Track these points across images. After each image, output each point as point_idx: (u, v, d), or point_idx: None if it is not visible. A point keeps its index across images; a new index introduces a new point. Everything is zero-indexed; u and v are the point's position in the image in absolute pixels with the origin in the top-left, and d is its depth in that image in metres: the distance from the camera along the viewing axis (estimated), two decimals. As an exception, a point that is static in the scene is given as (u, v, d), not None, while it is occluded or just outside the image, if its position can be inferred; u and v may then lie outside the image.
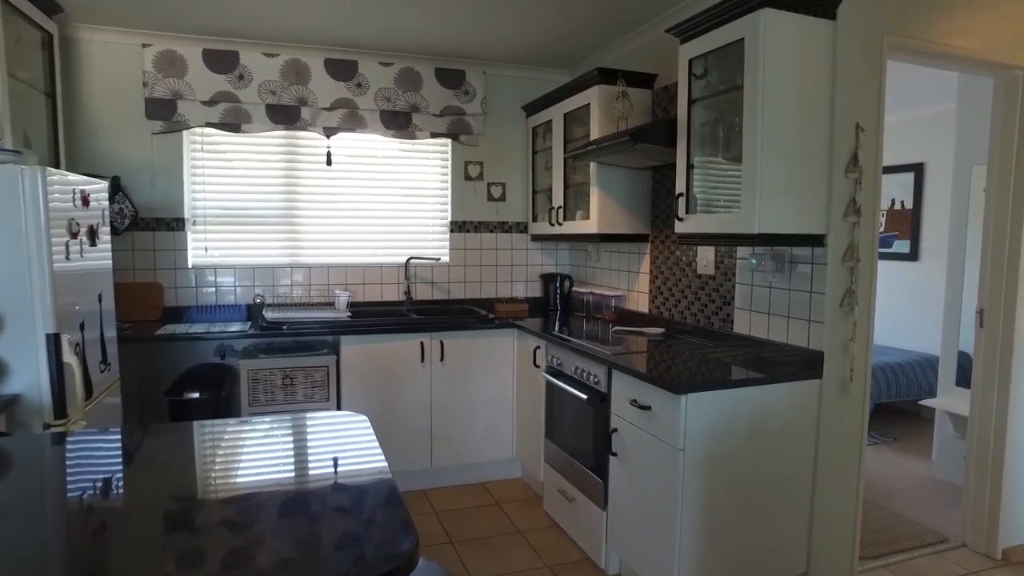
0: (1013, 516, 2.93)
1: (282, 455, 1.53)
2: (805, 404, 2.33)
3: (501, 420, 3.67)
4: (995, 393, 2.87)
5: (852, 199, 2.27)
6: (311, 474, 1.44)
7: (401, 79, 3.85)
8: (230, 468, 1.46)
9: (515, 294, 4.28)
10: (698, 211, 2.52)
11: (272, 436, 1.66)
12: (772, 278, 2.53)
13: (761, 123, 2.14)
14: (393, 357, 3.43)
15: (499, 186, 4.20)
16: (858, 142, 2.26)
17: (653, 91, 3.35)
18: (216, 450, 1.58)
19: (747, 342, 2.68)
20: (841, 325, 2.33)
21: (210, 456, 1.55)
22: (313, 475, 1.43)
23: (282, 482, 1.35)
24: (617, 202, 3.33)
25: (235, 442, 1.63)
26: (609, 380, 2.58)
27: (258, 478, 1.40)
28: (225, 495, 1.30)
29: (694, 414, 2.14)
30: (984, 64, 2.66)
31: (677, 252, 3.18)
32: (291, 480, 1.37)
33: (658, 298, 3.34)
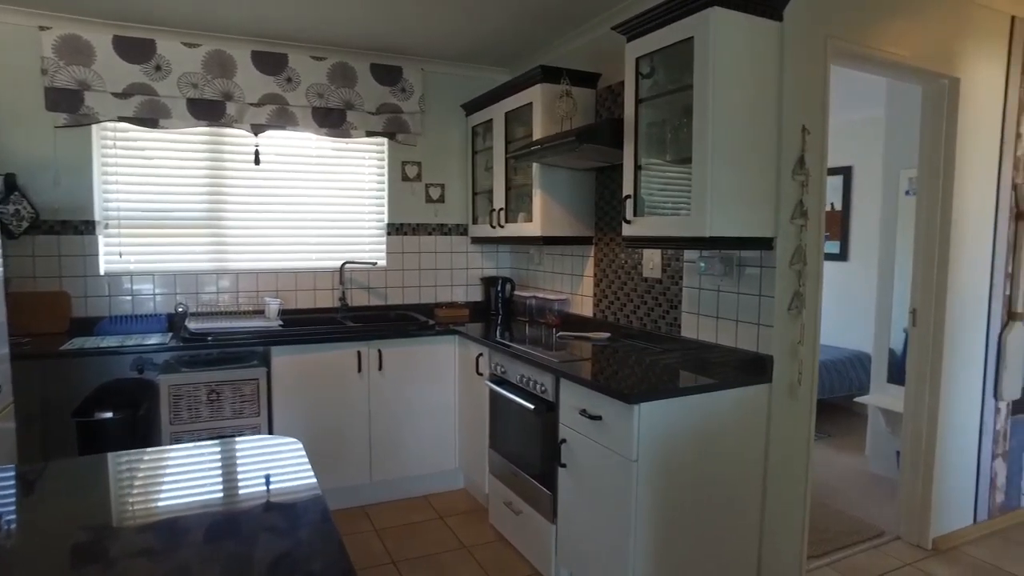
0: (942, 507, 3.02)
1: (203, 483, 1.36)
2: (755, 409, 2.30)
3: (443, 430, 3.54)
4: (927, 389, 2.94)
5: (799, 201, 2.25)
6: (236, 500, 1.28)
7: (334, 74, 3.66)
8: (148, 497, 1.28)
9: (455, 298, 4.15)
10: (646, 213, 2.47)
11: (190, 464, 1.49)
12: (720, 281, 2.50)
13: (712, 124, 2.09)
14: (328, 367, 3.24)
15: (438, 187, 4.07)
16: (804, 144, 2.25)
17: (597, 91, 3.29)
18: (132, 479, 1.39)
19: (695, 346, 2.64)
20: (789, 328, 2.31)
21: (126, 485, 1.36)
22: (238, 501, 1.27)
23: (201, 508, 1.19)
24: (560, 204, 3.26)
25: (153, 471, 1.44)
26: (557, 388, 2.49)
27: (175, 502, 1.23)
28: (142, 523, 1.13)
29: (647, 424, 2.07)
30: (915, 71, 2.72)
31: (622, 255, 3.13)
32: (210, 507, 1.21)
33: (603, 302, 3.29)
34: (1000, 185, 3.06)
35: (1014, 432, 3.32)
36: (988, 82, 2.94)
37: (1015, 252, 3.15)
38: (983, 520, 3.22)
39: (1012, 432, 3.31)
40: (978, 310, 3.04)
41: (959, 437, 3.05)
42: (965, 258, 2.94)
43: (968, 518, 3.17)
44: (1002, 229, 3.10)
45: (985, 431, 3.17)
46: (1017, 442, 3.34)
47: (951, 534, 3.07)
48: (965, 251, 2.94)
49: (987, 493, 3.23)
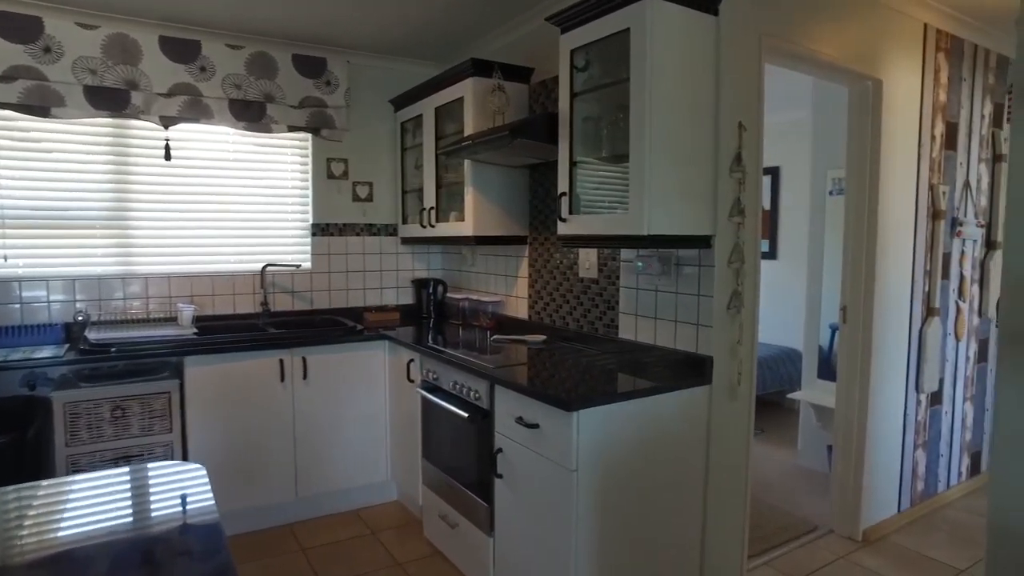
0: (871, 499, 3.08)
1: (89, 517, 1.17)
2: (696, 411, 2.26)
3: (374, 440, 3.37)
4: (857, 385, 2.99)
5: (737, 199, 2.22)
6: (123, 533, 1.10)
7: (253, 65, 3.43)
8: (24, 534, 1.09)
9: (385, 301, 3.98)
10: (582, 212, 2.39)
11: (77, 497, 1.29)
12: (658, 281, 2.45)
13: (649, 118, 2.03)
14: (248, 378, 3.02)
15: (366, 185, 3.88)
16: (741, 141, 2.22)
17: (530, 86, 3.20)
18: (6, 514, 1.19)
19: (634, 348, 2.59)
20: (728, 328, 2.28)
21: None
22: (126, 534, 1.09)
23: (84, 542, 1.01)
24: (493, 202, 3.15)
25: (32, 506, 1.24)
26: (491, 395, 2.37)
27: (57, 537, 1.04)
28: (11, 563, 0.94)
29: (587, 431, 1.98)
30: (841, 72, 2.76)
31: (557, 255, 3.04)
32: (93, 541, 1.03)
33: (538, 303, 3.20)
34: (919, 186, 3.15)
35: (932, 422, 3.43)
36: (907, 86, 3.02)
37: (932, 250, 3.26)
38: (906, 509, 3.32)
39: (930, 423, 3.42)
40: (901, 307, 3.12)
41: (886, 430, 3.12)
42: (890, 256, 3.01)
43: (893, 508, 3.25)
44: (921, 228, 3.19)
45: (908, 423, 3.26)
46: (935, 432, 3.46)
47: (879, 524, 3.14)
48: (890, 250, 3.00)
49: (910, 483, 3.33)
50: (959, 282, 3.50)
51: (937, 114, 3.22)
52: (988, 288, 3.70)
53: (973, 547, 3.05)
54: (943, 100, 3.26)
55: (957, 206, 3.43)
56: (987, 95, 3.60)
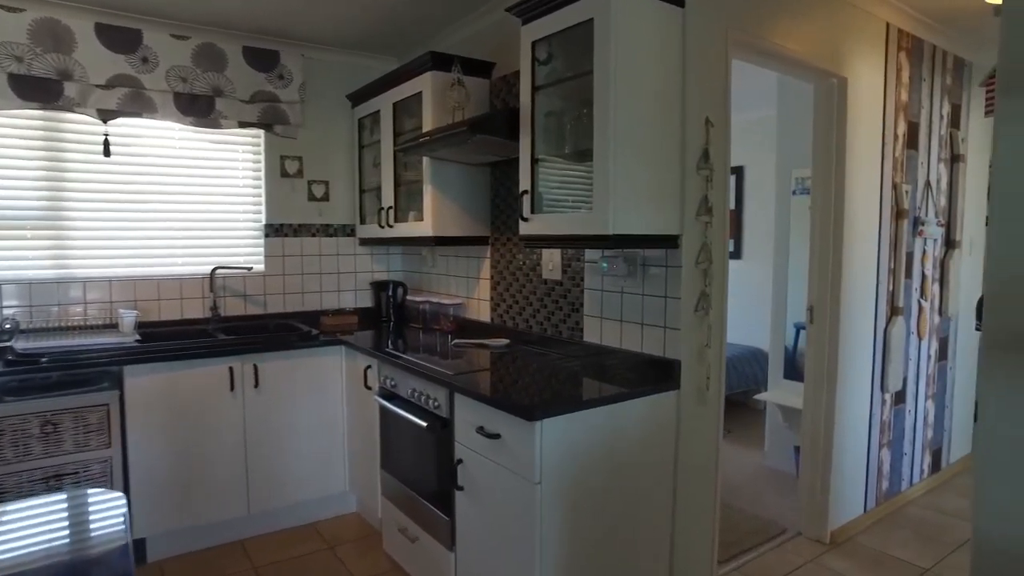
0: (838, 500, 3.05)
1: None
2: (664, 417, 2.18)
3: (331, 450, 3.22)
4: (824, 385, 2.96)
5: (704, 197, 2.15)
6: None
7: (200, 57, 3.25)
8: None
9: (343, 305, 3.83)
10: (544, 210, 2.29)
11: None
12: (624, 282, 2.37)
13: (613, 113, 1.94)
14: (195, 387, 2.85)
15: (322, 184, 3.73)
16: (708, 138, 2.15)
17: (491, 81, 3.09)
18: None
19: (599, 352, 2.50)
20: (696, 330, 2.21)
21: None
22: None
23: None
24: (454, 201, 3.03)
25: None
26: (451, 404, 2.26)
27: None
28: None
29: (550, 441, 1.88)
30: (807, 69, 2.72)
31: (520, 256, 2.95)
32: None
33: (500, 306, 3.09)
34: (883, 185, 3.14)
35: (896, 421, 3.43)
36: (870, 84, 3.00)
37: (896, 249, 3.25)
38: (872, 508, 3.30)
39: (894, 422, 3.42)
40: (867, 306, 3.11)
41: (852, 431, 3.10)
42: (856, 256, 2.98)
43: (859, 508, 3.23)
44: (886, 228, 3.18)
45: (873, 423, 3.25)
46: (898, 430, 3.46)
47: (846, 525, 3.12)
48: (856, 249, 2.98)
49: (875, 482, 3.32)
50: (921, 281, 3.51)
51: (899, 113, 3.22)
52: (948, 287, 3.73)
53: (937, 545, 3.04)
54: (905, 100, 3.25)
55: (919, 205, 3.43)
56: (945, 95, 3.63)
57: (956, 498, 3.63)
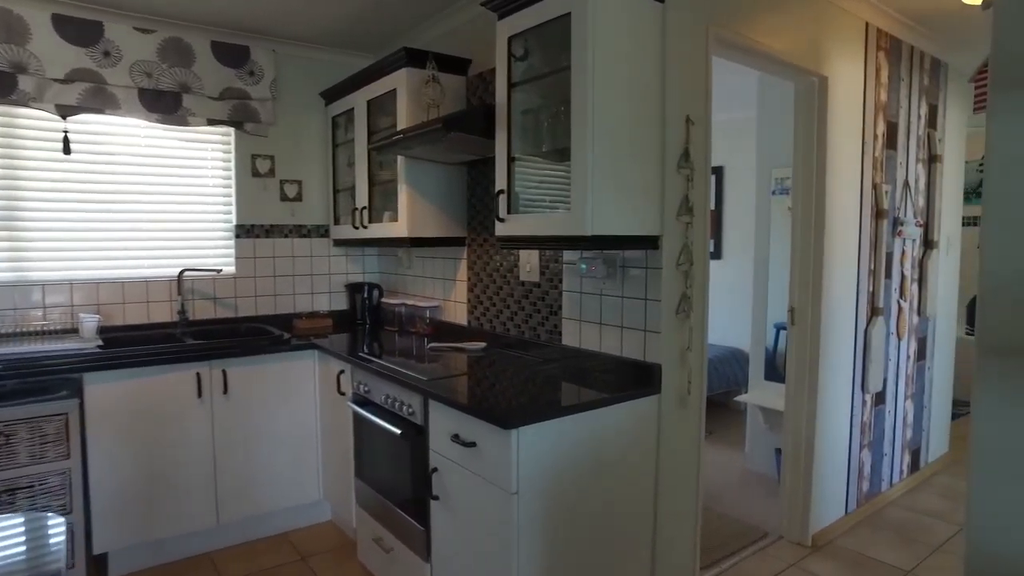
0: (820, 502, 3.03)
1: None
2: (645, 423, 2.12)
3: (304, 458, 3.12)
4: (806, 387, 2.93)
5: (685, 196, 2.10)
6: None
7: (166, 51, 3.13)
8: None
9: (317, 307, 3.73)
10: (521, 211, 2.23)
11: None
12: (603, 284, 2.31)
13: (591, 109, 1.88)
14: (160, 394, 2.74)
15: (294, 184, 3.63)
16: (689, 136, 2.10)
17: (468, 78, 3.02)
18: None
19: (578, 356, 2.44)
20: (677, 334, 2.16)
21: None
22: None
23: None
24: (429, 201, 2.96)
25: None
26: (425, 410, 2.18)
27: None
28: None
29: (527, 450, 1.82)
30: (788, 67, 2.68)
31: (497, 257, 2.88)
32: None
33: (477, 308, 3.02)
34: (863, 184, 3.12)
35: (876, 422, 3.42)
36: (850, 83, 2.98)
37: (876, 249, 3.24)
38: (853, 510, 3.28)
39: (875, 422, 3.41)
40: (848, 307, 3.08)
41: (834, 433, 3.07)
42: (837, 256, 2.96)
43: (841, 510, 3.21)
44: (866, 228, 3.16)
45: (855, 424, 3.23)
46: (878, 431, 3.45)
47: (828, 528, 3.09)
48: (837, 249, 2.95)
49: (856, 484, 3.30)
50: (900, 281, 3.50)
51: (879, 113, 3.20)
52: (926, 287, 3.73)
53: (918, 547, 3.03)
54: (884, 99, 3.24)
55: (898, 206, 3.42)
56: (923, 96, 3.62)
57: (935, 498, 3.63)
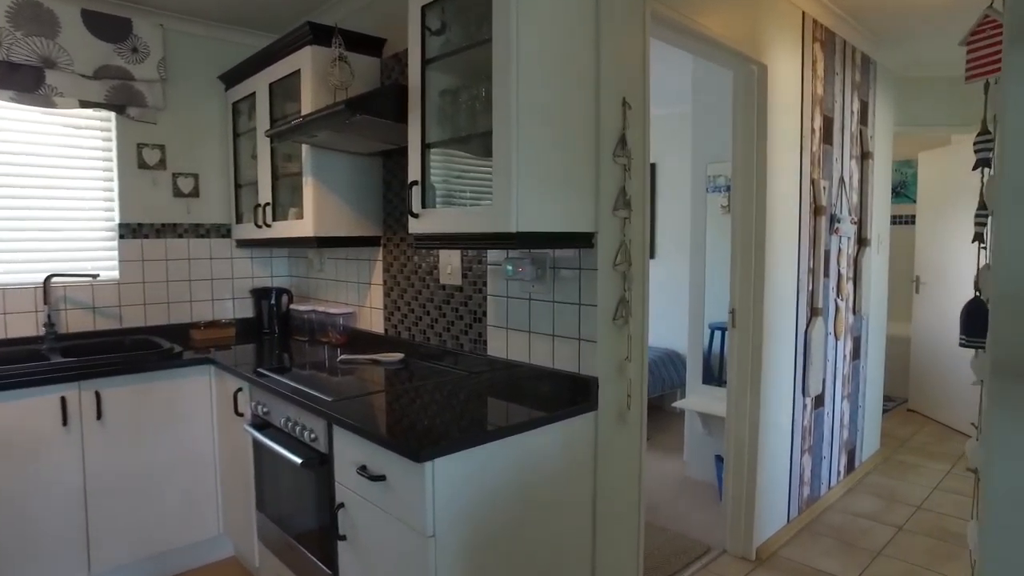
0: (764, 513, 2.89)
1: None
2: (581, 444, 1.88)
3: (201, 489, 2.74)
4: (748, 393, 2.78)
5: (622, 189, 1.88)
6: None
7: (19, 16, 2.68)
8: None
9: (219, 315, 3.33)
10: (438, 205, 1.95)
11: None
12: (532, 288, 2.06)
13: (516, 87, 1.62)
14: (12, 424, 2.31)
15: (189, 178, 3.22)
16: (626, 121, 1.87)
17: (382, 60, 2.72)
18: None
19: (505, 368, 2.18)
20: (615, 342, 1.93)
21: None
22: None
23: None
24: (339, 196, 2.64)
25: None
26: (330, 437, 1.88)
27: None
28: None
29: (445, 485, 1.54)
30: (728, 52, 2.50)
31: (415, 258, 2.59)
32: None
33: (395, 315, 2.72)
34: (802, 180, 3.00)
35: (816, 426, 3.32)
36: (788, 74, 2.85)
37: (815, 248, 3.13)
38: (794, 518, 3.17)
39: (815, 426, 3.31)
40: (788, 307, 2.95)
41: (776, 440, 2.94)
42: (778, 255, 2.82)
43: (783, 519, 3.08)
44: (805, 225, 3.04)
45: (796, 429, 3.11)
46: (818, 435, 3.35)
47: (771, 539, 2.95)
48: (778, 248, 2.81)
49: (797, 490, 3.19)
50: (837, 280, 3.41)
51: (816, 106, 3.09)
52: (860, 285, 3.67)
53: (858, 553, 2.94)
54: (820, 93, 3.13)
55: (833, 202, 3.33)
56: (855, 92, 3.56)
57: (869, 499, 3.57)
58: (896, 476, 3.94)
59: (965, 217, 4.69)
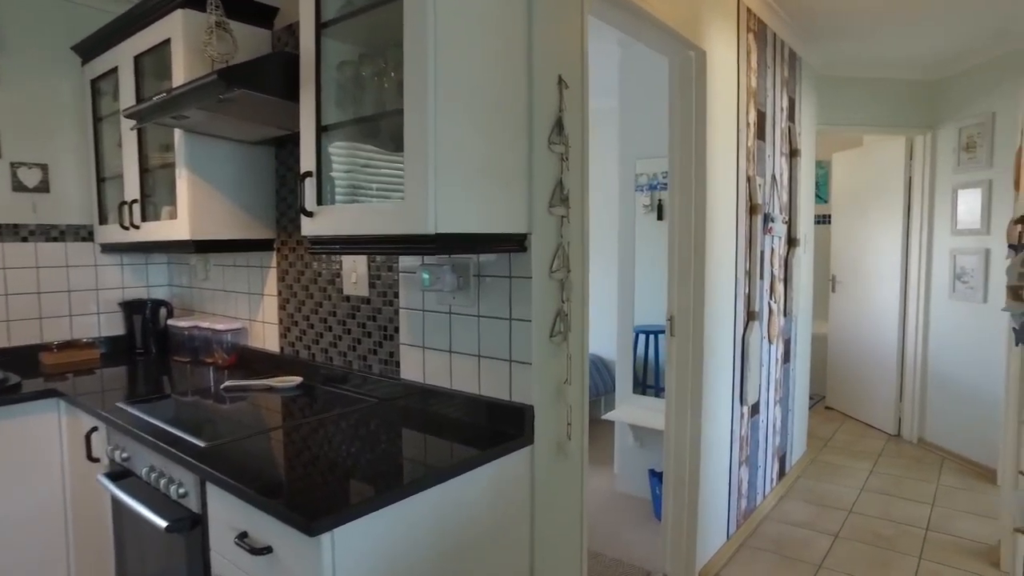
0: (705, 533, 2.69)
1: None
2: (515, 487, 1.58)
3: (48, 554, 2.23)
4: (689, 407, 2.56)
5: (559, 182, 1.58)
6: None
7: None
8: None
9: (81, 334, 2.80)
10: (338, 200, 1.59)
11: None
12: (452, 300, 1.73)
13: (434, 55, 1.30)
14: None
15: (35, 169, 2.68)
16: (563, 102, 1.58)
17: (274, 32, 2.32)
18: None
19: (422, 396, 1.84)
20: (553, 363, 1.63)
21: None
22: None
23: None
24: (222, 192, 2.22)
25: None
26: (202, 494, 1.49)
27: None
28: None
29: (348, 559, 1.20)
30: (668, 34, 2.26)
31: (315, 264, 2.20)
32: None
33: (292, 331, 2.32)
34: (739, 177, 2.83)
35: (752, 435, 3.18)
36: (725, 63, 2.66)
37: (751, 248, 2.97)
38: (734, 533, 3.00)
39: (751, 435, 3.16)
40: (727, 312, 2.77)
41: (715, 453, 2.75)
42: (717, 257, 2.62)
43: (723, 536, 2.91)
44: (742, 224, 2.88)
45: (734, 440, 2.94)
46: (754, 444, 3.21)
47: (712, 560, 2.77)
48: (717, 249, 2.62)
49: (736, 504, 3.02)
50: (771, 281, 3.28)
51: (751, 99, 2.93)
52: (791, 286, 3.57)
53: (801, 568, 2.82)
54: (754, 86, 2.98)
55: (767, 201, 3.19)
56: (784, 87, 3.45)
57: (804, 506, 3.48)
58: (824, 479, 3.88)
59: (877, 217, 4.75)
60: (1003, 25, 3.42)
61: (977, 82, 3.97)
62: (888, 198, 4.61)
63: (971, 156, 4.00)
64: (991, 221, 3.85)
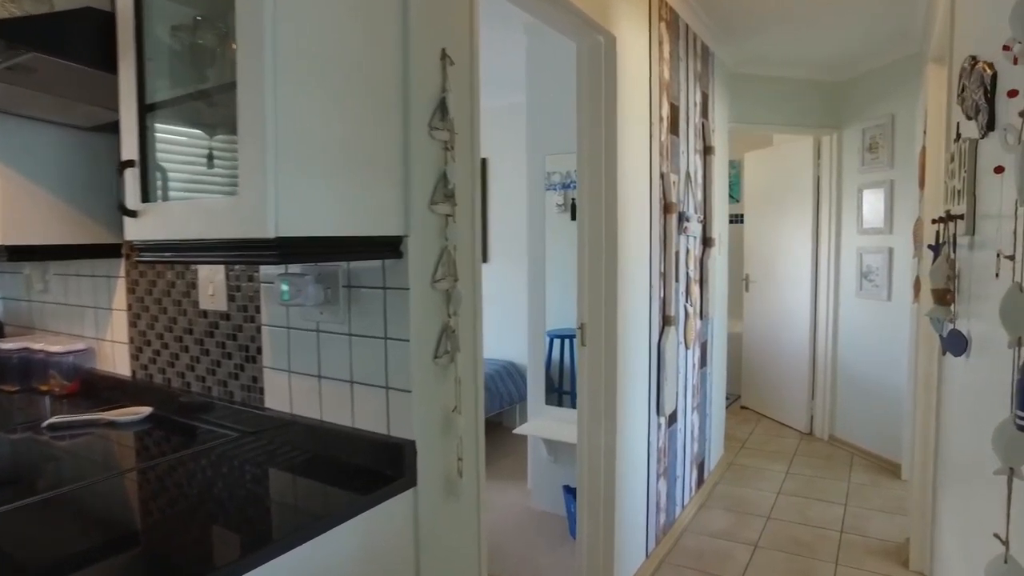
0: (623, 553, 2.52)
1: None
2: (395, 538, 1.32)
3: None
4: (603, 421, 2.37)
5: (443, 175, 1.34)
6: None
7: None
8: None
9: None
10: (170, 197, 1.29)
11: None
12: (319, 315, 1.45)
13: (272, 9, 1.02)
14: None
15: None
16: (446, 80, 1.33)
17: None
18: None
19: (288, 430, 1.55)
20: (438, 389, 1.38)
21: None
22: None
23: None
24: (44, 187, 1.84)
25: None
26: None
27: None
28: None
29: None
30: (573, 14, 2.06)
31: (170, 274, 1.86)
32: None
33: (144, 352, 1.97)
34: (652, 173, 2.67)
35: (670, 445, 3.04)
36: (637, 51, 2.49)
37: (666, 249, 2.82)
38: (653, 550, 2.85)
39: (669, 446, 3.02)
40: (641, 318, 2.60)
41: (632, 469, 2.58)
42: (630, 259, 2.45)
43: (642, 554, 2.75)
44: (656, 224, 2.72)
45: (651, 452, 2.79)
46: (672, 454, 3.08)
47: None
48: (629, 250, 2.44)
49: (655, 519, 2.87)
50: (686, 283, 3.16)
51: (664, 92, 2.78)
52: (707, 288, 3.47)
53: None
54: (667, 78, 2.84)
55: (681, 199, 3.07)
56: (697, 82, 3.34)
57: (722, 514, 3.39)
58: (742, 483, 3.82)
59: (788, 217, 4.77)
60: (901, 28, 3.44)
61: (878, 84, 4.02)
62: (798, 197, 4.64)
63: (874, 157, 4.05)
64: (894, 220, 3.90)
